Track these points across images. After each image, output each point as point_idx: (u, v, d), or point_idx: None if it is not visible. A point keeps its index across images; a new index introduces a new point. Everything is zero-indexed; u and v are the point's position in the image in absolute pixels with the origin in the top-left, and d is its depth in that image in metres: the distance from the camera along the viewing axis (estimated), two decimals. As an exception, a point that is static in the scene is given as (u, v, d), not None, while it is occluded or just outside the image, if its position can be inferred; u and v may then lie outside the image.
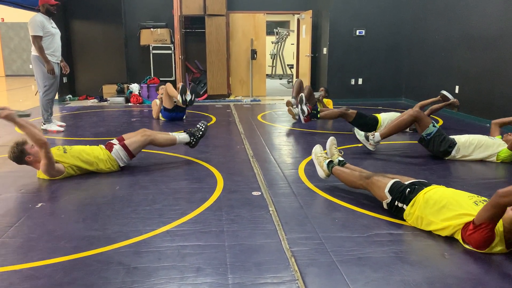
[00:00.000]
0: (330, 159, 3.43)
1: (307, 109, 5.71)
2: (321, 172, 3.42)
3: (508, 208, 2.27)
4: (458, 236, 2.46)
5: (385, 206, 2.89)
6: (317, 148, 3.57)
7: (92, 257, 2.33)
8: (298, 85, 6.90)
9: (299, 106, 5.82)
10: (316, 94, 6.96)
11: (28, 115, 3.61)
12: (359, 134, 4.61)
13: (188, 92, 6.30)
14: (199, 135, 4.35)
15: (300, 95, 5.86)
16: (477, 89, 6.69)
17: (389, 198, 2.81)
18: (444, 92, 5.47)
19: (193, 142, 4.34)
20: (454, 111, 5.52)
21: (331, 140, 3.61)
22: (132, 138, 3.99)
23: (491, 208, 2.22)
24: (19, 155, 3.53)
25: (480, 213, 2.29)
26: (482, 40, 6.52)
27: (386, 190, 2.83)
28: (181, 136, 4.28)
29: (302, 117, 5.80)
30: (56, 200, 3.25)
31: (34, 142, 3.45)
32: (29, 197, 3.29)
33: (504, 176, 3.91)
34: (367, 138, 4.55)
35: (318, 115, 5.71)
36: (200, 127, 4.40)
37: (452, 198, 2.55)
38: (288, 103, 6.78)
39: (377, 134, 4.49)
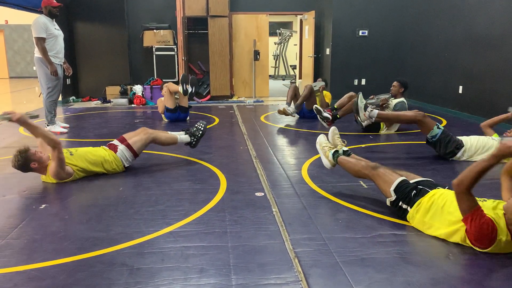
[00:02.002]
0: (335, 149, 3.40)
1: (328, 115, 5.72)
2: (327, 162, 3.39)
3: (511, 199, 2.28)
4: (467, 241, 2.40)
5: (388, 203, 2.87)
6: (321, 138, 3.54)
7: (96, 258, 2.33)
8: (292, 91, 6.79)
9: (318, 116, 5.81)
10: (317, 85, 6.95)
11: (37, 116, 3.60)
12: (362, 100, 4.60)
13: (189, 85, 6.35)
14: (199, 135, 4.36)
15: (315, 107, 5.85)
16: (481, 89, 6.67)
17: (394, 196, 2.79)
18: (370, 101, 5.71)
19: (193, 142, 4.35)
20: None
21: (332, 131, 3.58)
22: (135, 138, 4.00)
23: (459, 200, 2.33)
24: (24, 162, 3.44)
25: (460, 208, 2.34)
26: (486, 40, 6.49)
27: (392, 188, 2.79)
28: (182, 136, 4.30)
29: (325, 124, 5.79)
30: (59, 201, 3.26)
31: (48, 142, 3.42)
32: (33, 198, 3.30)
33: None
34: (365, 107, 4.55)
35: (338, 115, 5.74)
36: (199, 127, 4.40)
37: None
38: (279, 112, 6.69)
39: (375, 111, 4.53)
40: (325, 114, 5.71)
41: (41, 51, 5.54)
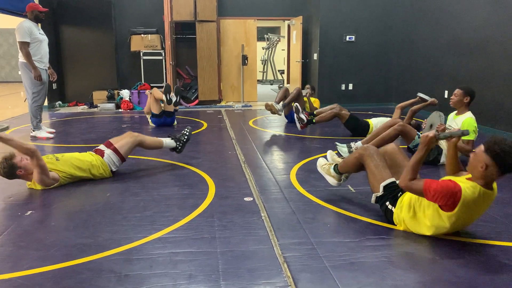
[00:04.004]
0: (335, 163, 3.37)
1: (305, 117, 5.75)
2: (331, 179, 3.33)
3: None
4: (444, 219, 2.48)
5: (373, 198, 2.89)
6: (321, 160, 3.50)
7: (83, 265, 2.30)
8: (283, 92, 6.85)
9: (295, 115, 5.85)
10: (303, 92, 6.97)
11: (6, 128, 3.54)
12: (343, 151, 4.57)
13: (173, 93, 6.35)
14: (184, 140, 4.37)
15: (295, 104, 5.89)
16: (466, 94, 6.76)
17: (381, 193, 2.82)
18: (420, 95, 5.59)
19: (179, 148, 4.35)
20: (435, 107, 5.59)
21: (330, 152, 3.62)
22: (121, 142, 3.98)
23: (411, 191, 2.55)
24: (10, 170, 3.41)
25: (417, 194, 2.55)
26: (470, 46, 6.60)
27: (382, 184, 2.82)
28: (167, 141, 4.29)
29: (298, 125, 5.83)
30: (46, 207, 3.21)
31: (24, 152, 3.38)
32: (19, 205, 3.25)
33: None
34: (350, 152, 4.51)
35: (314, 120, 5.75)
36: (185, 132, 4.41)
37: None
38: (266, 106, 6.65)
39: (358, 143, 4.45)
40: (302, 116, 5.74)
41: (25, 55, 5.47)
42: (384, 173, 2.87)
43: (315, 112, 5.89)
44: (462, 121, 4.21)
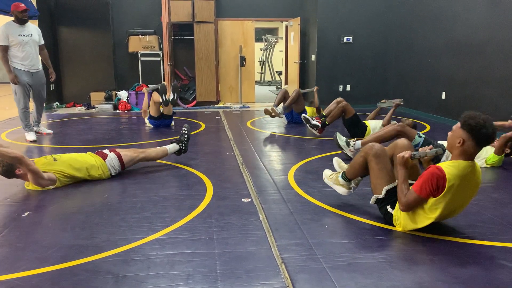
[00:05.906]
0: (342, 171, 3.23)
1: (317, 123, 5.73)
2: (340, 188, 3.17)
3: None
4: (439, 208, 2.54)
5: (373, 200, 2.86)
6: (326, 172, 3.35)
7: (80, 266, 2.30)
8: (282, 94, 6.86)
9: (308, 125, 5.84)
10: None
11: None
12: (341, 139, 4.59)
13: (170, 92, 6.36)
14: (185, 139, 4.43)
15: (303, 116, 5.87)
16: (463, 95, 6.79)
17: (383, 196, 2.78)
18: (382, 105, 5.77)
19: (183, 148, 4.43)
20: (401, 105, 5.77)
21: (336, 160, 3.52)
22: (126, 152, 4.07)
23: (412, 205, 2.61)
24: (9, 168, 3.42)
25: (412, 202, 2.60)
26: (468, 47, 6.62)
27: (386, 188, 2.78)
28: (171, 146, 4.36)
29: (315, 132, 5.81)
30: (43, 209, 3.20)
31: (10, 161, 3.36)
32: (16, 206, 3.24)
33: (492, 180, 3.95)
34: (347, 144, 4.55)
35: (327, 122, 5.76)
36: (184, 131, 4.47)
37: None
38: (266, 111, 6.68)
39: (358, 142, 4.46)
40: (314, 122, 5.74)
41: (1, 58, 5.44)
42: (389, 175, 2.80)
43: (324, 113, 5.89)
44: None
